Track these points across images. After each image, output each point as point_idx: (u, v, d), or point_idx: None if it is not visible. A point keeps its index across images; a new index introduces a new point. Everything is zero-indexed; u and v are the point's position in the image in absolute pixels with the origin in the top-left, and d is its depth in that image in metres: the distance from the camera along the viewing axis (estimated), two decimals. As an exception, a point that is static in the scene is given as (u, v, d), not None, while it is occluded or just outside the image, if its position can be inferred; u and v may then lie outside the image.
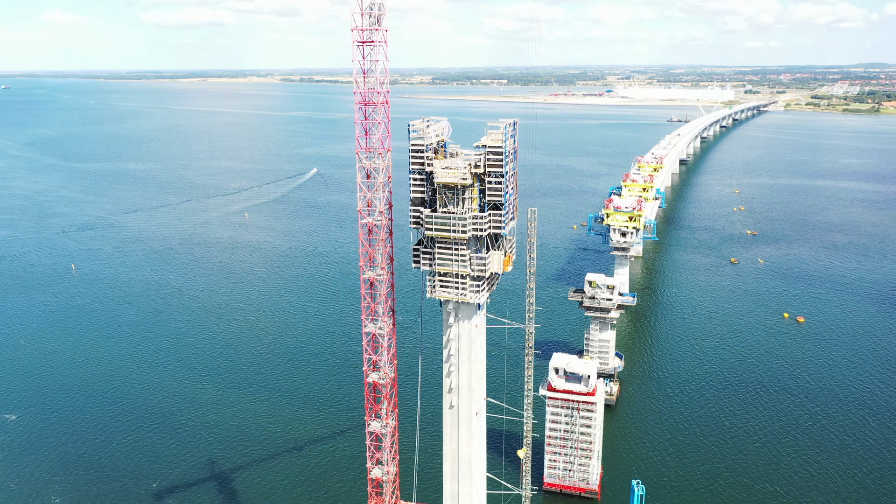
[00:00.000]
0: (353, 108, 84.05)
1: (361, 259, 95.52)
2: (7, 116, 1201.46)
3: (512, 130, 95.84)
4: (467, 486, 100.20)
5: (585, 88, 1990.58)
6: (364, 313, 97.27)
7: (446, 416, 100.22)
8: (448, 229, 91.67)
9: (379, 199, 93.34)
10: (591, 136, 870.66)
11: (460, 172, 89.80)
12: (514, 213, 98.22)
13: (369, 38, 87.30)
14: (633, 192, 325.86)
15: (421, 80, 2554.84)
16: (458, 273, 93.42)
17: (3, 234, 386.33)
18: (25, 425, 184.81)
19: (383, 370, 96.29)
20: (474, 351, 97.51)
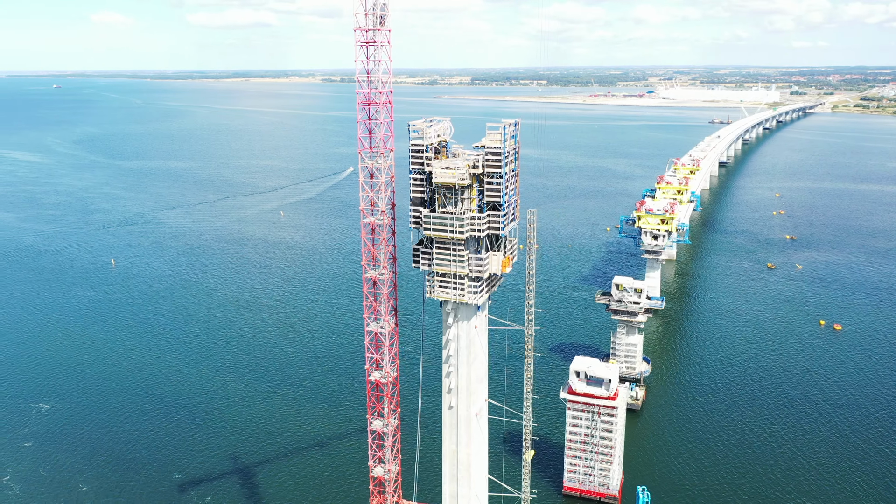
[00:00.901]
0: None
1: (364, 258, 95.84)
2: (57, 115, 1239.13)
3: (513, 131, 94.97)
4: (466, 487, 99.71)
5: (626, 89, 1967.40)
6: (366, 312, 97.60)
7: (445, 416, 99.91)
8: (446, 229, 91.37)
9: (381, 199, 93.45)
10: (629, 138, 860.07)
11: (459, 173, 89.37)
12: (514, 214, 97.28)
13: (372, 38, 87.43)
14: (668, 194, 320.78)
15: (460, 81, 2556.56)
16: (456, 274, 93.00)
17: (48, 228, 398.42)
18: (58, 414, 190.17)
19: (385, 369, 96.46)
20: (473, 352, 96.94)
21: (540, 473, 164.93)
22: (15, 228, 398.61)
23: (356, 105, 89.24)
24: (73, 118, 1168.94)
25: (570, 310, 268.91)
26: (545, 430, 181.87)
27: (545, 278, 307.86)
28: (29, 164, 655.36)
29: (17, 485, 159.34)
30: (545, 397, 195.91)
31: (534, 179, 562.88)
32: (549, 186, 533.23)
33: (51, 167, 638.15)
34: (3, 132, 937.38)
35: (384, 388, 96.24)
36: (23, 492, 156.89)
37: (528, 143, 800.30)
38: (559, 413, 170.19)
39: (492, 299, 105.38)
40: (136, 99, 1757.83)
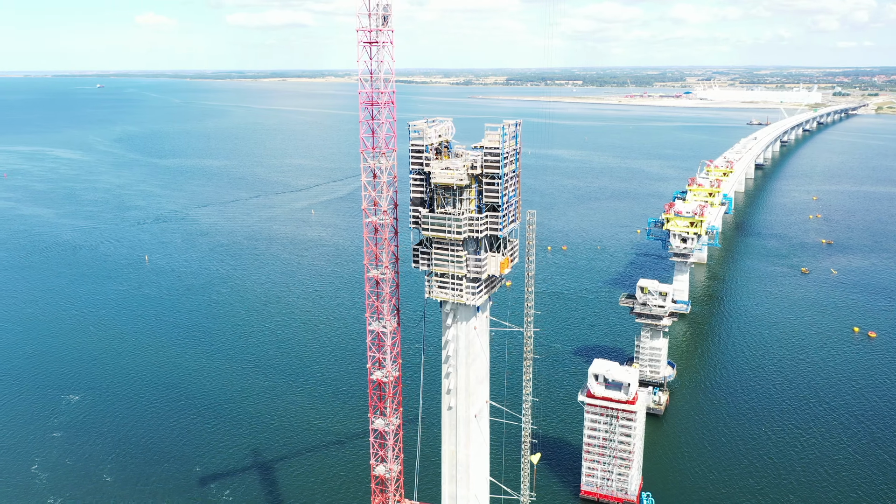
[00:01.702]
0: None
1: (366, 258, 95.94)
2: (99, 114, 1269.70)
3: (514, 131, 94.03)
4: (465, 488, 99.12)
5: (663, 90, 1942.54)
6: (368, 311, 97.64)
7: (445, 417, 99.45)
8: (444, 230, 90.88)
9: (384, 199, 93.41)
10: (664, 139, 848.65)
11: (457, 173, 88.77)
12: (514, 215, 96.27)
13: (375, 38, 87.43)
14: (699, 196, 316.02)
15: (495, 81, 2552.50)
16: (455, 274, 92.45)
17: (85, 224, 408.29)
18: (86, 406, 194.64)
19: (387, 368, 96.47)
20: (473, 353, 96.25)
21: (557, 476, 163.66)
22: (54, 224, 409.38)
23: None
24: (115, 117, 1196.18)
25: (595, 312, 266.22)
26: (564, 432, 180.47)
27: (572, 280, 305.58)
28: (70, 162, 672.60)
29: (44, 473, 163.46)
30: (564, 399, 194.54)
31: (564, 180, 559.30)
32: (579, 187, 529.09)
33: (91, 165, 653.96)
34: (48, 130, 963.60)
35: (386, 387, 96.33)
36: (49, 480, 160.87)
37: (560, 144, 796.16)
38: (578, 416, 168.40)
39: (493, 300, 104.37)
40: (176, 98, 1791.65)
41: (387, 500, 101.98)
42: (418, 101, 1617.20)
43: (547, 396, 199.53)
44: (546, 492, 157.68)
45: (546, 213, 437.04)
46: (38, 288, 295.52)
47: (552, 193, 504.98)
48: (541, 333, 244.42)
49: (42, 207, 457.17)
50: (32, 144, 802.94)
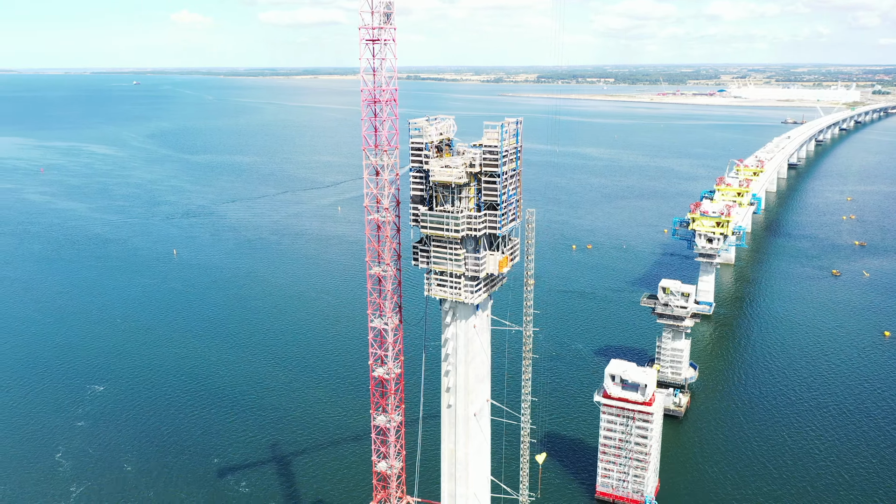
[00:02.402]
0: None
1: (368, 255, 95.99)
2: (134, 111, 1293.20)
3: (514, 129, 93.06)
4: (464, 486, 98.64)
5: (696, 88, 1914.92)
6: (370, 308, 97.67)
7: (444, 415, 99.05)
8: (442, 228, 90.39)
9: (386, 196, 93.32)
10: (695, 138, 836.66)
11: (456, 171, 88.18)
12: (514, 213, 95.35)
13: (377, 36, 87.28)
14: (727, 196, 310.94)
15: (526, 79, 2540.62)
16: (453, 273, 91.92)
17: (116, 218, 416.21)
18: (110, 396, 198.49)
19: (388, 365, 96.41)
20: (472, 351, 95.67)
21: (573, 476, 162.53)
22: (86, 218, 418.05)
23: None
24: (149, 113, 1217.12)
25: (617, 312, 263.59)
26: (581, 432, 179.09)
27: (595, 279, 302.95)
28: (105, 157, 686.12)
29: (67, 461, 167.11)
30: (583, 399, 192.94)
31: (592, 179, 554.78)
32: (607, 186, 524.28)
33: (124, 160, 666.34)
34: (85, 127, 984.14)
35: (387, 384, 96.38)
36: (72, 468, 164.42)
37: (589, 142, 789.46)
38: (596, 416, 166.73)
39: (493, 298, 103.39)
40: (209, 95, 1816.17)
41: (388, 497, 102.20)
42: (448, 98, 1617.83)
43: (564, 396, 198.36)
44: (561, 491, 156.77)
45: (572, 212, 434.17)
46: (69, 280, 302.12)
47: (579, 192, 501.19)
48: (561, 332, 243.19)
49: (76, 202, 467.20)
50: (69, 140, 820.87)
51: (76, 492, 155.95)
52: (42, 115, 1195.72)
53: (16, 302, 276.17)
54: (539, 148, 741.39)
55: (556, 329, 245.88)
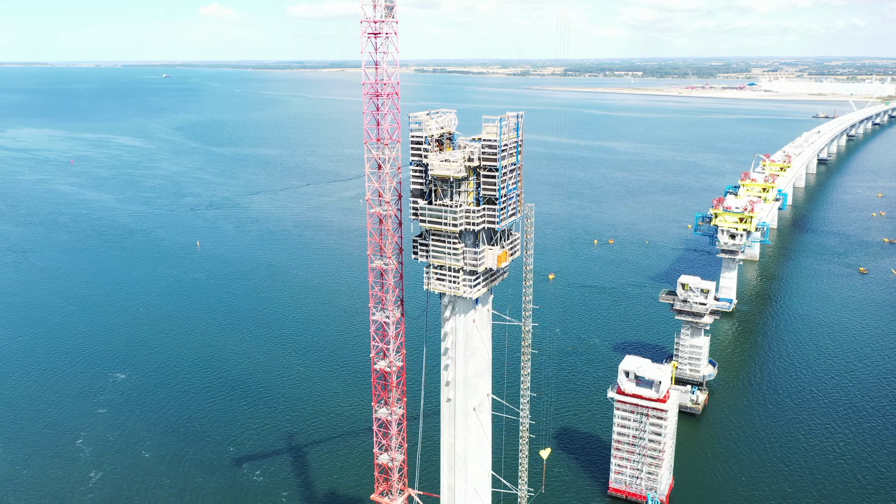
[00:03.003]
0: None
1: (370, 248, 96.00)
2: (163, 103, 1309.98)
3: (515, 122, 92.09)
4: (462, 480, 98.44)
5: (726, 81, 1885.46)
6: (372, 301, 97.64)
7: (444, 409, 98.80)
8: (440, 222, 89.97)
9: (387, 190, 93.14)
10: (723, 132, 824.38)
11: (454, 165, 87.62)
12: (514, 208, 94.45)
13: (378, 29, 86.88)
14: (752, 191, 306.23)
15: (552, 72, 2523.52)
16: (451, 267, 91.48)
17: (142, 210, 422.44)
18: (131, 384, 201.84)
19: (390, 358, 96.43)
20: (472, 346, 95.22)
21: (586, 472, 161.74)
22: (113, 209, 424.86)
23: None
24: (177, 105, 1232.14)
25: (637, 308, 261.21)
26: (595, 427, 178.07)
27: (616, 274, 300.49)
28: (133, 149, 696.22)
29: (87, 447, 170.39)
30: (598, 395, 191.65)
31: (616, 173, 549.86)
32: (631, 181, 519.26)
33: (152, 152, 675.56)
34: (115, 118, 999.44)
35: (389, 377, 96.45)
36: (92, 454, 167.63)
37: (614, 136, 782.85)
38: (607, 412, 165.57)
39: (493, 293, 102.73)
40: (236, 88, 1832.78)
41: (390, 489, 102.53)
42: (472, 91, 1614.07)
43: (579, 391, 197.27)
44: (573, 487, 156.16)
45: (594, 207, 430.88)
46: (95, 269, 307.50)
47: (602, 186, 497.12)
48: (578, 328, 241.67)
49: (103, 193, 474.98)
50: (99, 132, 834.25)
51: (95, 477, 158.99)
52: (74, 107, 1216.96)
53: (43, 290, 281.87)
54: (564, 142, 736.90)
55: (574, 324, 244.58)
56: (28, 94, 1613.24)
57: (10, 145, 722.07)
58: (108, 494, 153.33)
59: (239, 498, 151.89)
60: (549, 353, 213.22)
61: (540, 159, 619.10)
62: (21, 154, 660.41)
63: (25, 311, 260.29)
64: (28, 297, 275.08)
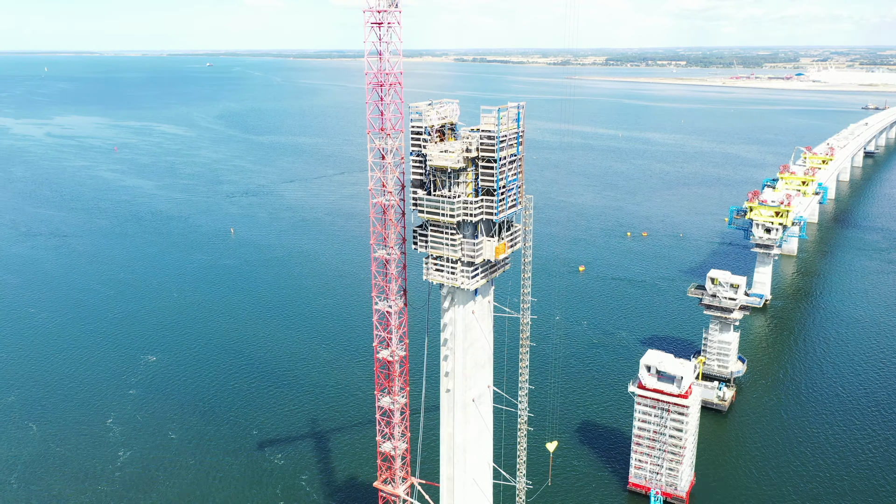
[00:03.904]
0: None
1: (372, 237, 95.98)
2: (206, 91, 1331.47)
3: (516, 113, 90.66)
4: (461, 470, 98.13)
5: (773, 71, 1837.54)
6: (375, 290, 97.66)
7: (443, 399, 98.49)
8: (437, 213, 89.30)
9: (390, 179, 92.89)
10: (767, 123, 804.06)
11: (452, 156, 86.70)
12: (514, 199, 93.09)
13: (381, 19, 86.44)
14: (791, 185, 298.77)
15: (594, 62, 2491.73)
16: (449, 258, 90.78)
17: (180, 196, 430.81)
18: (161, 366, 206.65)
19: (392, 348, 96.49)
20: (471, 337, 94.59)
21: (606, 465, 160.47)
22: (152, 195, 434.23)
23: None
24: (219, 94, 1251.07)
25: (666, 301, 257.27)
26: (616, 421, 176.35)
27: (647, 267, 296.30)
28: (174, 137, 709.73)
29: (117, 427, 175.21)
30: (621, 388, 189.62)
31: (653, 164, 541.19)
32: (668, 172, 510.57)
33: (192, 140, 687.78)
34: (158, 107, 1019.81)
35: (392, 366, 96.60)
36: (121, 434, 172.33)
37: (653, 127, 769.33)
38: (628, 406, 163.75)
39: (494, 284, 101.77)
40: (277, 77, 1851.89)
41: (393, 477, 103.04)
42: (510, 81, 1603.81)
43: (602, 384, 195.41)
44: (591, 479, 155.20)
45: (629, 198, 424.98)
46: (132, 254, 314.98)
47: (638, 178, 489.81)
48: (605, 320, 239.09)
49: (144, 179, 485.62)
50: (143, 120, 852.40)
51: (123, 456, 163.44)
52: (119, 95, 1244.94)
53: (82, 274, 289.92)
54: (601, 132, 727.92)
55: (601, 317, 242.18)
56: (77, 82, 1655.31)
57: (57, 132, 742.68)
58: (134, 473, 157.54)
59: (260, 480, 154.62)
60: (558, 346, 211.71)
61: (576, 150, 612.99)
62: (67, 141, 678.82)
63: (65, 293, 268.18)
64: (68, 279, 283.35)
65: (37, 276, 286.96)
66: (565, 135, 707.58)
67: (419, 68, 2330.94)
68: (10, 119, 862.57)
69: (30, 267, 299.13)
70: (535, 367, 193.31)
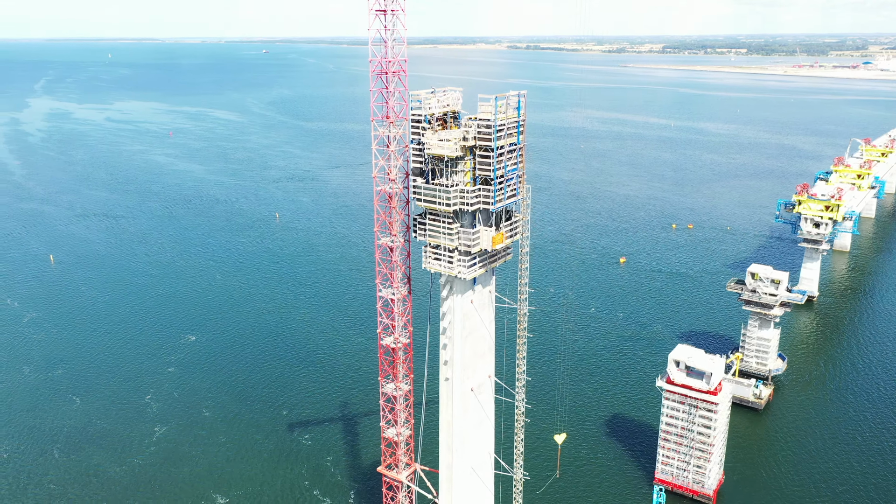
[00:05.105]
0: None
1: (376, 225, 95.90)
2: (259, 78, 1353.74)
3: (517, 102, 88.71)
4: (460, 458, 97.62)
5: (839, 60, 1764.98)
6: (379, 278, 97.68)
7: (442, 388, 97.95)
8: (434, 201, 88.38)
9: (394, 167, 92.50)
10: (829, 114, 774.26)
11: (449, 145, 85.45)
12: (513, 189, 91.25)
13: (385, 6, 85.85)
14: (845, 178, 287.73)
15: (650, 49, 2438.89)
16: (447, 247, 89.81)
17: (228, 181, 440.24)
18: (200, 346, 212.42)
19: (395, 335, 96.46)
20: (469, 327, 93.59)
21: (632, 459, 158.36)
22: (201, 179, 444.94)
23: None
24: (272, 81, 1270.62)
25: (706, 295, 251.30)
26: (645, 416, 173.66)
27: (690, 260, 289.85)
28: (227, 122, 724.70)
29: (155, 404, 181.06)
30: (650, 382, 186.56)
31: (704, 155, 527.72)
32: (719, 163, 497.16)
33: (244, 125, 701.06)
34: (214, 92, 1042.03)
35: (395, 353, 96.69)
36: (158, 410, 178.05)
37: (706, 117, 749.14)
38: (656, 401, 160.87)
39: (495, 274, 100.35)
40: (330, 64, 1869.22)
41: (396, 463, 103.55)
42: (563, 69, 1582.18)
43: (634, 378, 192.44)
44: (615, 474, 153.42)
45: (676, 189, 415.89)
46: (179, 236, 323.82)
47: (687, 168, 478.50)
48: (642, 313, 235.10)
49: (195, 164, 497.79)
50: (198, 105, 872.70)
51: (159, 432, 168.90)
52: (177, 81, 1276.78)
53: (130, 254, 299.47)
54: (652, 121, 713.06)
55: (639, 309, 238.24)
56: (137, 68, 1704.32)
57: (116, 117, 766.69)
58: (168, 448, 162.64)
59: (287, 459, 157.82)
60: (567, 338, 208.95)
61: (626, 139, 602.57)
62: (125, 126, 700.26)
63: (114, 273, 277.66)
64: (117, 259, 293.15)
65: (88, 256, 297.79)
66: (615, 124, 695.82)
67: (472, 56, 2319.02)
68: (74, 104, 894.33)
69: (82, 246, 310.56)
70: (545, 358, 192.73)
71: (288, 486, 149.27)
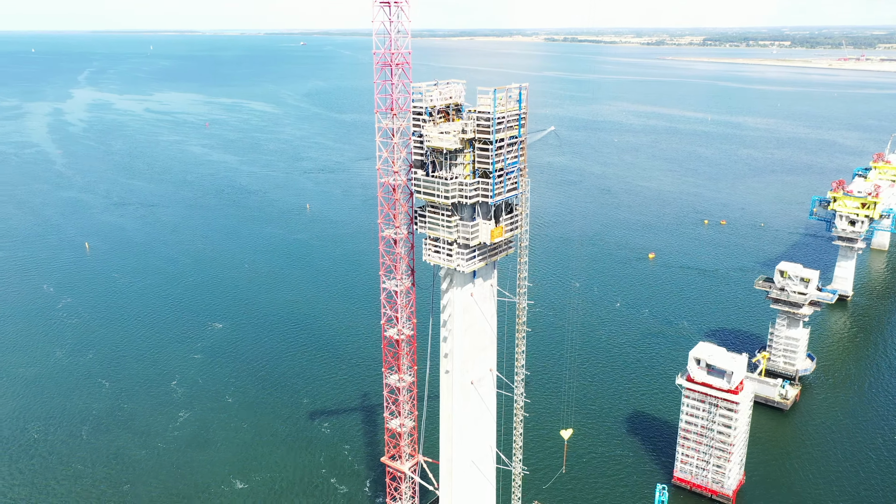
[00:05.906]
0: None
1: (380, 217, 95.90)
2: (297, 70, 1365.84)
3: (518, 95, 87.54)
4: (460, 451, 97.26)
5: (886, 53, 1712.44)
6: (382, 270, 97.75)
7: (443, 380, 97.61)
8: (433, 194, 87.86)
9: (398, 159, 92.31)
10: (873, 109, 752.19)
11: (448, 137, 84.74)
12: (512, 183, 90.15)
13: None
14: (885, 175, 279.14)
15: (690, 41, 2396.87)
16: (446, 239, 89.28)
17: (260, 171, 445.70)
18: (226, 333, 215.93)
19: (398, 327, 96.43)
20: (469, 320, 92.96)
21: (651, 457, 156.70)
22: (234, 169, 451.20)
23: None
24: (308, 73, 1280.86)
25: (736, 293, 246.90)
26: (665, 413, 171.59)
27: (722, 256, 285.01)
28: (262, 114, 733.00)
29: (180, 389, 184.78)
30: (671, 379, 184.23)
31: (740, 150, 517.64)
32: (756, 158, 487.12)
33: (278, 117, 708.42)
34: (250, 84, 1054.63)
35: (399, 345, 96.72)
36: (183, 395, 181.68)
37: (745, 111, 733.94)
38: (675, 399, 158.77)
39: (496, 267, 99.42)
40: (364, 56, 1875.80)
41: (399, 453, 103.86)
42: (600, 62, 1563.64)
43: (656, 374, 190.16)
44: (626, 471, 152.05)
45: (710, 184, 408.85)
46: (210, 226, 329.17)
47: (722, 163, 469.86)
48: (669, 310, 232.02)
49: (229, 154, 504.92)
50: (234, 97, 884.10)
51: (183, 416, 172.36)
52: (215, 73, 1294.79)
53: (163, 242, 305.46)
54: (689, 115, 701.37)
55: (665, 306, 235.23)
56: (177, 60, 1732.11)
57: (155, 108, 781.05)
58: (192, 433, 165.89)
59: (307, 446, 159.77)
60: (575, 333, 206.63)
61: (661, 133, 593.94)
62: (164, 116, 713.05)
63: (146, 260, 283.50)
64: (150, 247, 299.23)
65: (123, 244, 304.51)
66: (650, 117, 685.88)
67: (509, 48, 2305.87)
68: (115, 95, 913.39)
69: (118, 234, 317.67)
70: (552, 354, 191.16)
71: (307, 474, 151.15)
